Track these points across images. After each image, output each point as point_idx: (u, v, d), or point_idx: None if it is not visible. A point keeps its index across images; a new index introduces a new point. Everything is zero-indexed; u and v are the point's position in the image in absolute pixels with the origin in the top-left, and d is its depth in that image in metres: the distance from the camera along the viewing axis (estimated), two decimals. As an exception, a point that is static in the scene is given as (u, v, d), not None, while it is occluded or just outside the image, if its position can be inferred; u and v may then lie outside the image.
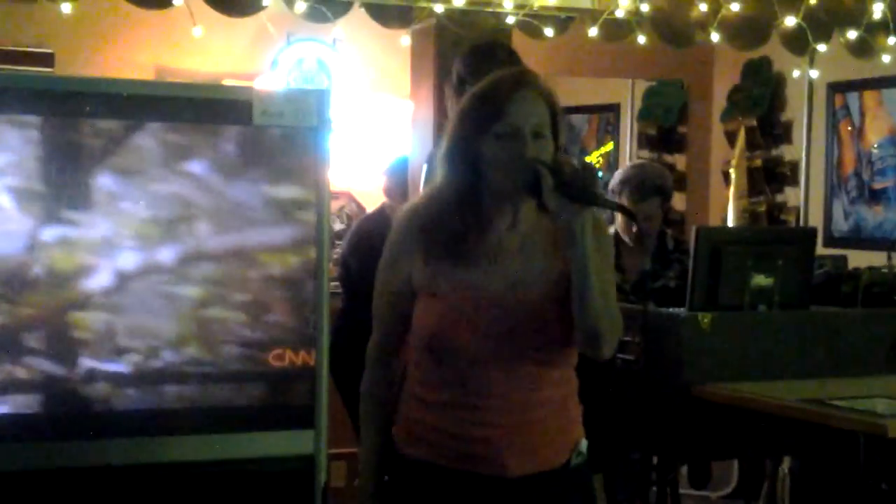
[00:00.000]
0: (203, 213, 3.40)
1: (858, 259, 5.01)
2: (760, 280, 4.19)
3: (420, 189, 3.96)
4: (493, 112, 2.40)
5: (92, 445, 3.35)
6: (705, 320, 4.08)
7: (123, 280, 3.34)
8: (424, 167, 3.87)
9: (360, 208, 6.20)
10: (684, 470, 5.74)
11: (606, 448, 3.99)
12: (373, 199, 5.75)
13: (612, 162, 7.54)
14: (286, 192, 3.50)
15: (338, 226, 6.13)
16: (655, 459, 4.56)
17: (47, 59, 5.58)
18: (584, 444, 2.53)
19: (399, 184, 4.95)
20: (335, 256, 5.50)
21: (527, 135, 2.38)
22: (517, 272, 2.43)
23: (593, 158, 7.51)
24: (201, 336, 3.45)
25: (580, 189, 2.34)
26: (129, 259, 3.36)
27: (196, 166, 3.41)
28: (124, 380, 3.34)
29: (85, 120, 3.30)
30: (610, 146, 7.54)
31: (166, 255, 3.39)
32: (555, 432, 2.47)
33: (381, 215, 5.13)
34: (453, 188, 2.46)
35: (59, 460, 3.31)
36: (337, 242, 5.66)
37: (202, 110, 3.45)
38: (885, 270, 4.64)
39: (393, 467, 2.53)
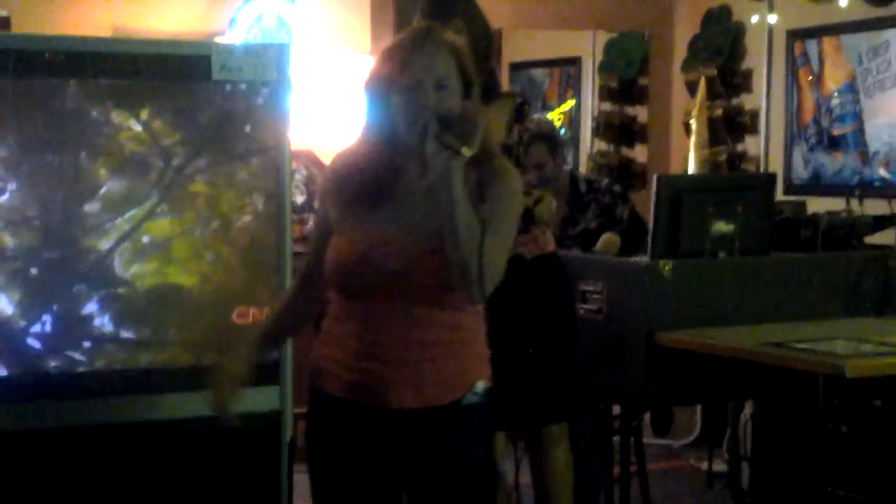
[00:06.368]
0: (163, 171, 3.40)
1: (818, 205, 5.03)
2: (721, 226, 4.22)
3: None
4: (397, 66, 2.52)
5: (63, 406, 3.36)
6: (666, 267, 4.11)
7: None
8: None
9: (321, 167, 6.18)
10: (647, 418, 5.80)
11: (570, 397, 4.03)
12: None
13: (573, 118, 7.53)
14: (246, 148, 3.50)
15: (299, 198, 6.07)
16: (618, 408, 4.60)
17: (3, 22, 5.53)
18: (480, 385, 2.60)
19: None
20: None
21: (428, 87, 2.50)
22: (420, 217, 2.53)
23: (554, 116, 7.49)
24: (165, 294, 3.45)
25: (454, 137, 2.43)
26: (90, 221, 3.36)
27: (155, 124, 3.39)
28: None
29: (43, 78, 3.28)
30: (571, 103, 7.52)
31: (126, 214, 3.39)
32: (446, 372, 2.57)
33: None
34: (369, 137, 2.60)
35: (30, 422, 3.32)
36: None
37: (161, 66, 3.43)
38: (843, 215, 4.68)
39: (310, 400, 2.69)
